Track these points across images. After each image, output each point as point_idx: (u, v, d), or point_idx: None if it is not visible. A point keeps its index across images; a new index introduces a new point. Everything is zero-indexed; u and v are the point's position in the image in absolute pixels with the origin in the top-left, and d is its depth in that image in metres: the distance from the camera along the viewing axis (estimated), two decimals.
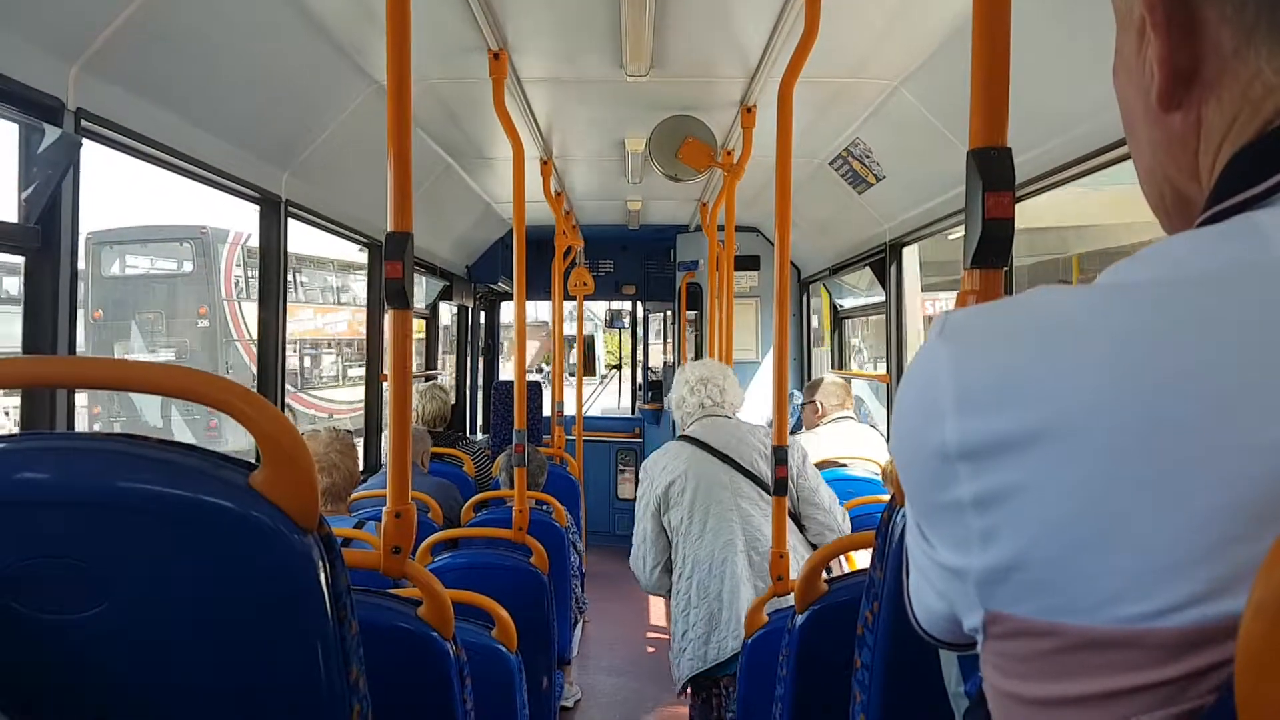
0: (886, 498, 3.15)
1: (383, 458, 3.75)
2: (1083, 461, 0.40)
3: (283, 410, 3.03)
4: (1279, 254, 0.40)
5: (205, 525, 0.86)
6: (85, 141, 1.94)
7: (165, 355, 14.41)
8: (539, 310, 12.10)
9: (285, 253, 2.99)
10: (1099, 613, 0.41)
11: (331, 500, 2.49)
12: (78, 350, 2.04)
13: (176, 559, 0.87)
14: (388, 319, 1.68)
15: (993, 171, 0.99)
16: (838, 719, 1.36)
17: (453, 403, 4.70)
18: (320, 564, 0.87)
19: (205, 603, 0.87)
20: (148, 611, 0.87)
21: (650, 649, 4.78)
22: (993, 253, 1.00)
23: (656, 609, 5.58)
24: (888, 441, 3.64)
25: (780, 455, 2.37)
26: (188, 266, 14.85)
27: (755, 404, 5.95)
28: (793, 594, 1.75)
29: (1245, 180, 0.45)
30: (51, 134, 1.85)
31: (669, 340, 7.80)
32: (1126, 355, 0.40)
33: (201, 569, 0.87)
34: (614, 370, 10.05)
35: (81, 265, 1.99)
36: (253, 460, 0.92)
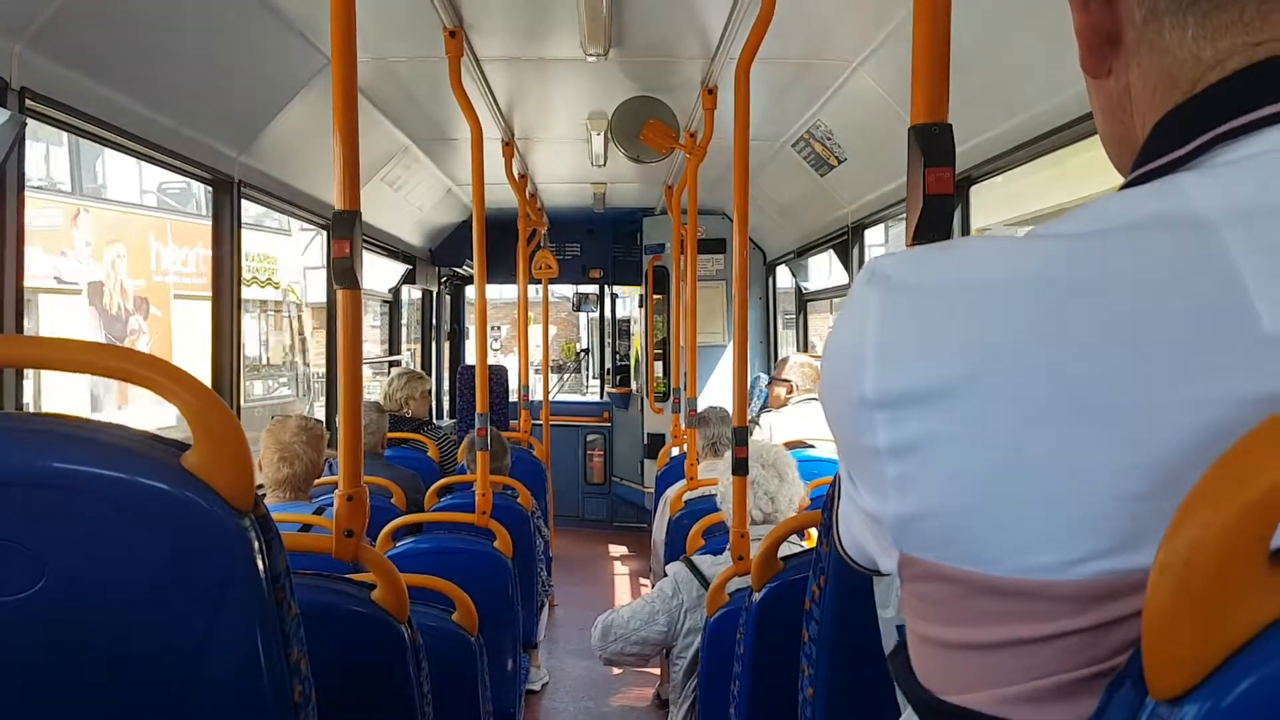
0: None
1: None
2: (995, 415, 0.41)
3: (239, 400, 2.99)
4: (1197, 208, 0.40)
5: (138, 506, 0.85)
6: (30, 121, 1.89)
7: None
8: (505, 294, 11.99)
9: (239, 235, 2.94)
10: (1005, 563, 0.41)
11: (291, 490, 2.44)
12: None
13: (110, 540, 0.85)
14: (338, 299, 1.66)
15: (933, 147, 0.99)
16: (792, 694, 1.38)
17: (429, 388, 4.60)
18: (257, 545, 0.86)
19: (140, 584, 0.86)
20: (83, 593, 0.86)
21: None
22: (934, 228, 1.01)
23: (625, 592, 5.60)
24: None
25: (740, 436, 2.38)
26: None
27: (721, 386, 5.98)
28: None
29: (1169, 143, 0.46)
30: None
31: (636, 323, 7.78)
32: (1042, 310, 0.41)
33: (135, 550, 0.85)
34: (584, 354, 10.05)
35: None
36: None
